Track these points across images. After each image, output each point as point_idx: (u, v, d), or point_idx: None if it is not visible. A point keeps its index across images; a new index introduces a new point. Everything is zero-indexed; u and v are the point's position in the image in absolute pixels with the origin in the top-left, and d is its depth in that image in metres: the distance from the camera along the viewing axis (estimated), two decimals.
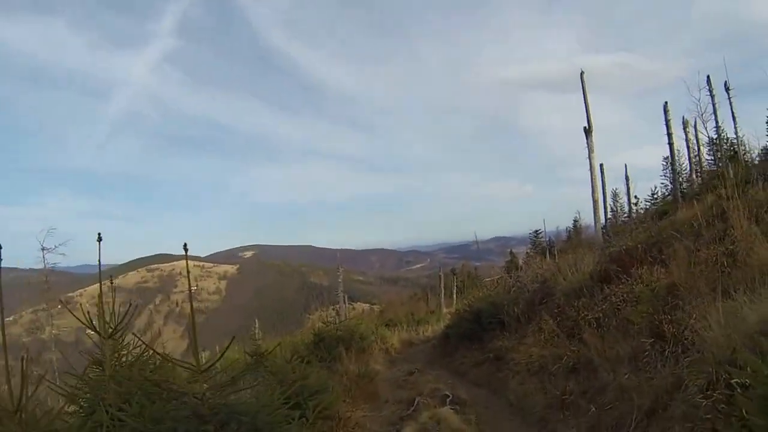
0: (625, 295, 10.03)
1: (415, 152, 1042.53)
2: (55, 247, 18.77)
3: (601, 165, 20.65)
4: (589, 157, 19.66)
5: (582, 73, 20.42)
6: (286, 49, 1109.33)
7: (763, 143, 21.62)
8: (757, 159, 19.97)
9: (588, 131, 19.76)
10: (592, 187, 19.77)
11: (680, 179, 23.60)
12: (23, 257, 18.85)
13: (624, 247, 12.71)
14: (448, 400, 10.86)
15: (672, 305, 8.35)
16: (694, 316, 7.34)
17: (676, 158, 27.14)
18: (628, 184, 26.67)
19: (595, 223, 20.26)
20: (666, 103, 21.78)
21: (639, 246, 12.02)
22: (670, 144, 21.99)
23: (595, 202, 19.94)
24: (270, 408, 5.61)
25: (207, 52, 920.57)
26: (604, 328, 9.66)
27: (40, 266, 19.11)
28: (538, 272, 16.69)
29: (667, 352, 7.34)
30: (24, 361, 4.58)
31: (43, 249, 18.56)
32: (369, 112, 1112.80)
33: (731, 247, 8.97)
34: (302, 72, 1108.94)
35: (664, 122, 21.97)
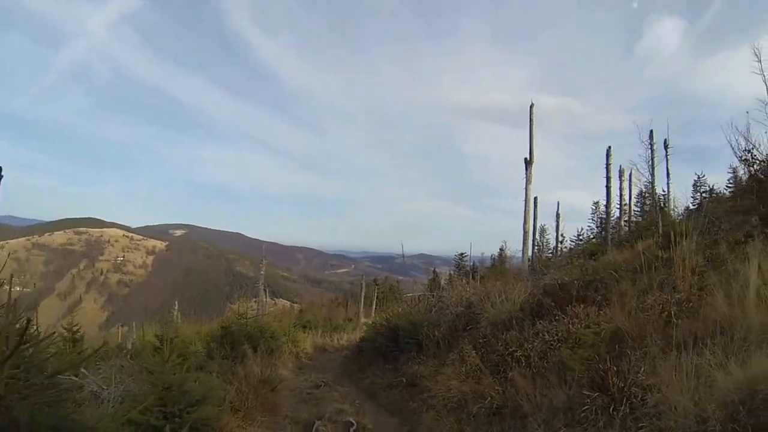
0: (560, 335, 9.10)
1: (355, 159, 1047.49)
2: None
3: (536, 198, 21.08)
4: (526, 188, 19.91)
5: (532, 105, 20.62)
6: (246, 33, 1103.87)
7: (688, 201, 22.85)
8: (682, 216, 19.92)
9: (529, 162, 19.97)
10: (525, 217, 19.96)
11: (609, 224, 23.45)
12: None
13: (559, 281, 12.06)
14: (351, 429, 9.80)
15: (617, 354, 7.50)
16: (643, 369, 6.61)
17: (603, 203, 28.22)
18: (558, 221, 27.09)
19: (523, 253, 20.32)
20: (609, 147, 21.59)
21: (575, 282, 11.33)
22: (608, 187, 21.93)
23: (525, 232, 20.13)
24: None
25: (168, 21, 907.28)
26: (535, 369, 8.69)
27: None
28: (464, 295, 15.71)
29: (612, 408, 6.40)
30: None
31: None
32: (317, 112, 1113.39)
33: (679, 296, 8.35)
34: (258, 59, 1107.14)
35: (605, 165, 21.62)
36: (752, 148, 12.34)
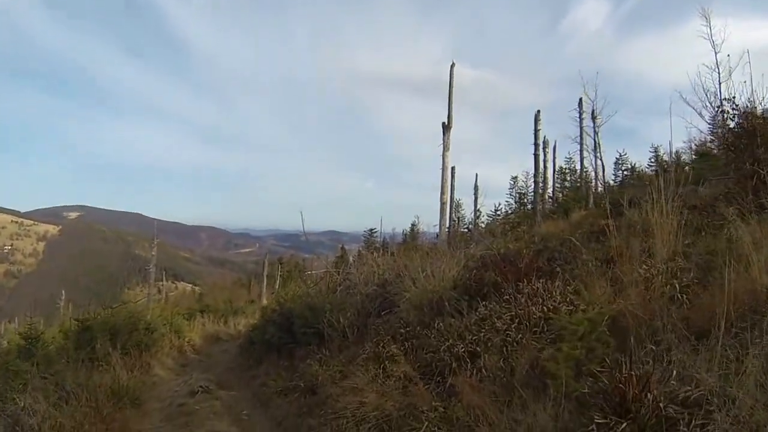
0: (519, 321, 6.63)
1: (262, 132, 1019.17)
2: None
3: (453, 168, 20.29)
4: (443, 155, 18.63)
5: (452, 66, 19.47)
6: None
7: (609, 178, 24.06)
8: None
9: (447, 127, 18.75)
10: (442, 187, 18.74)
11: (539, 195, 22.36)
12: None
13: (499, 251, 9.93)
14: None
15: (616, 349, 5.04)
16: (675, 372, 4.27)
17: (525, 178, 28.00)
18: (476, 194, 26.41)
19: (440, 226, 19.10)
20: (538, 112, 21.36)
21: (523, 252, 9.33)
22: (536, 155, 21.59)
23: (443, 204, 18.90)
24: None
25: None
26: (489, 372, 6.01)
27: None
28: (376, 271, 13.02)
29: None
30: None
31: None
32: (224, 80, 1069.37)
33: (674, 264, 6.43)
34: (159, 18, 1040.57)
35: (534, 131, 21.43)
36: (731, 98, 10.49)
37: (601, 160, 21.47)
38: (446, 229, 19.83)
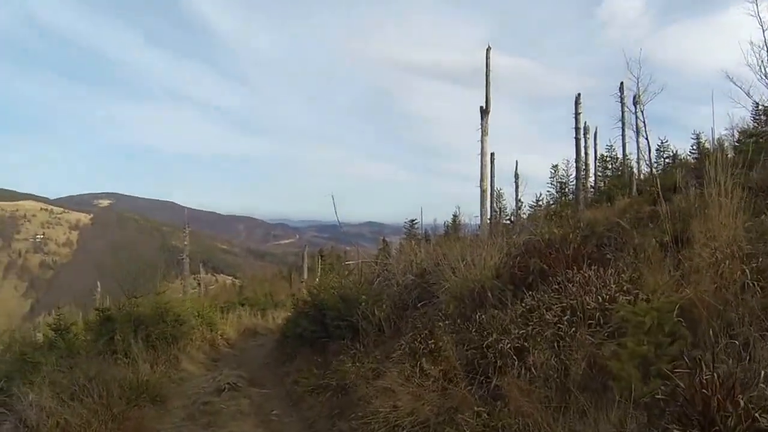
0: (572, 311, 5.89)
1: (294, 118, 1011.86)
2: None
3: (492, 154, 19.85)
4: (482, 140, 17.73)
5: (488, 49, 18.47)
6: None
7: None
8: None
9: (485, 111, 17.85)
10: (481, 174, 17.89)
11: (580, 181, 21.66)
12: None
13: (544, 237, 9.15)
14: None
15: (689, 344, 4.39)
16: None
17: (566, 167, 27.33)
18: (516, 182, 25.59)
19: (482, 215, 18.11)
20: (579, 95, 20.93)
21: (569, 237, 8.50)
22: (577, 139, 20.74)
23: (483, 191, 18.10)
24: None
25: None
26: (539, 370, 5.34)
27: None
28: (414, 260, 12.36)
29: None
30: None
31: None
32: (252, 65, 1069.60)
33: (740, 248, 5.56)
34: (188, 7, 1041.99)
35: (574, 115, 21.06)
36: None
37: (647, 139, 21.20)
38: (487, 219, 18.76)
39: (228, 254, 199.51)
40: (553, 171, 32.03)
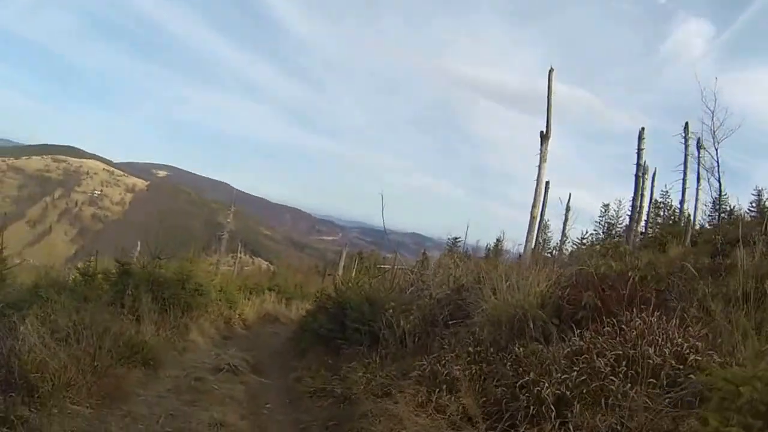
0: (628, 363, 4.95)
1: (354, 122, 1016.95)
2: None
3: (548, 182, 18.77)
4: (540, 166, 16.84)
5: (551, 71, 17.58)
6: None
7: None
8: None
9: (544, 137, 16.96)
10: (534, 200, 16.95)
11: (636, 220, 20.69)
12: None
13: (599, 270, 8.04)
14: None
15: None
16: None
17: (616, 206, 26.55)
18: (566, 215, 24.42)
19: (527, 242, 16.96)
20: (642, 129, 20.44)
21: (627, 275, 7.44)
22: (637, 176, 19.19)
23: (533, 218, 17.16)
24: None
25: None
26: (581, 428, 4.38)
27: None
28: (451, 273, 11.41)
29: None
30: None
31: None
32: (317, 64, 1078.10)
33: None
34: (266, 7, 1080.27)
35: (636, 151, 20.24)
36: None
37: (719, 181, 20.43)
38: (531, 247, 17.71)
39: (270, 240, 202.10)
40: (602, 210, 30.94)
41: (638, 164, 19.65)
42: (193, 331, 12.82)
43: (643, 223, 23.52)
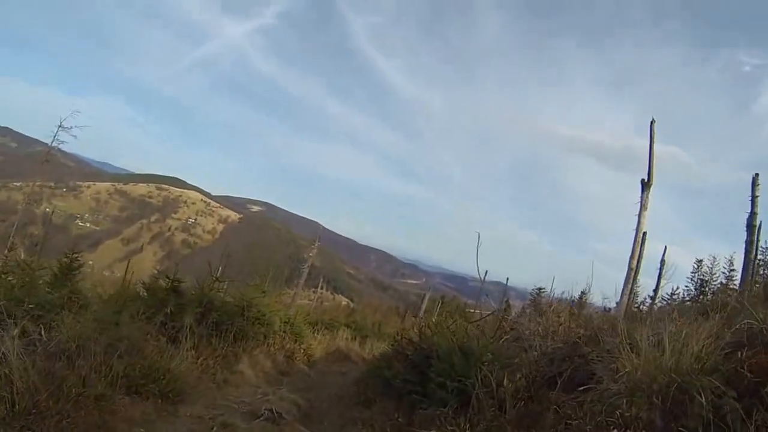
0: None
1: (447, 172, 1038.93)
2: (71, 127, 19.46)
3: (645, 234, 16.36)
4: (639, 215, 15.70)
5: (652, 122, 16.36)
6: (365, 49, 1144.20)
7: None
8: None
9: (646, 184, 15.92)
10: (632, 251, 15.74)
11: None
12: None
13: None
14: None
15: None
16: None
17: (710, 262, 24.09)
18: (661, 269, 21.70)
19: (623, 294, 15.29)
20: (756, 175, 17.36)
21: None
22: (750, 226, 16.58)
23: (630, 269, 15.73)
24: None
25: (297, 35, 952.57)
26: None
27: (64, 147, 20.78)
28: (559, 322, 9.15)
29: None
30: None
31: (60, 126, 19.25)
32: (416, 119, 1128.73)
33: None
34: (366, 65, 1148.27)
35: (750, 198, 17.14)
36: None
37: None
38: (626, 300, 15.73)
39: (353, 279, 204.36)
40: (695, 266, 28.21)
41: (753, 213, 17.10)
42: (244, 362, 11.13)
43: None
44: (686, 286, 26.47)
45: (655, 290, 23.14)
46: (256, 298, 13.21)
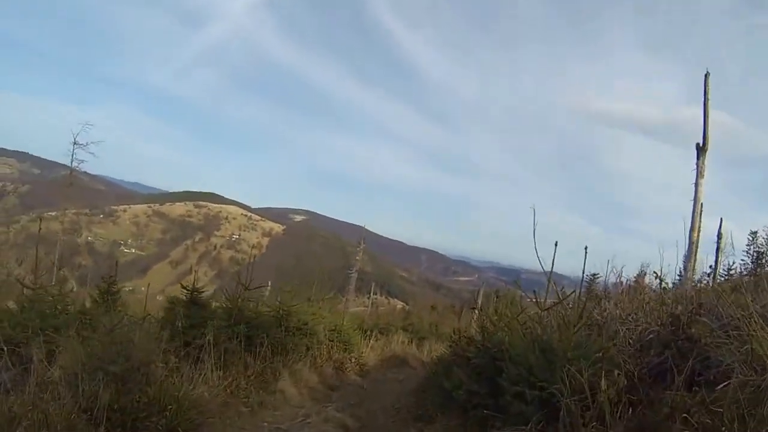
0: None
1: (488, 161, 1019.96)
2: (87, 144, 19.65)
3: (702, 204, 15.07)
4: (696, 183, 14.51)
5: (707, 75, 14.95)
6: (387, 24, 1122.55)
7: None
8: None
9: (701, 149, 14.60)
10: (692, 223, 14.58)
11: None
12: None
13: None
14: None
15: None
16: None
17: (763, 235, 22.53)
18: (718, 242, 20.09)
19: (685, 270, 13.89)
20: None
21: None
22: None
23: (692, 243, 14.51)
24: None
25: (307, 9, 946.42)
26: None
27: (90, 169, 21.92)
28: (647, 300, 7.98)
29: None
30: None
31: (74, 143, 19.34)
32: (450, 107, 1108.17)
33: None
34: (396, 49, 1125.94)
35: None
36: None
37: None
38: (692, 276, 14.15)
39: (405, 282, 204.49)
40: (750, 238, 26.43)
41: None
42: (283, 379, 9.84)
43: None
44: (742, 260, 24.81)
45: (714, 265, 21.66)
46: (295, 306, 12.07)
